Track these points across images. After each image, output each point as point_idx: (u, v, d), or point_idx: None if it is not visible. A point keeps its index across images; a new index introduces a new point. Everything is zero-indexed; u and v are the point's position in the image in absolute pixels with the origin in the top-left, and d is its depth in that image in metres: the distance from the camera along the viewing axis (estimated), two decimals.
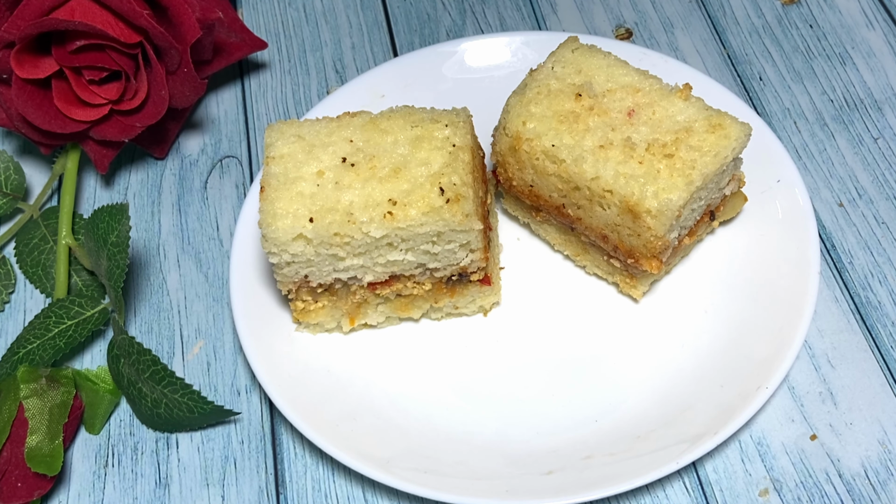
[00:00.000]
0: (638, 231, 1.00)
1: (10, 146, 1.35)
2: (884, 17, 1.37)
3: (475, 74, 1.28)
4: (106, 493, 1.06)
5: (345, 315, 1.09)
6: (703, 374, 1.03)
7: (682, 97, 1.03)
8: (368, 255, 1.01)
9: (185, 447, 1.08)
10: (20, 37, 1.10)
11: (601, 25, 1.40)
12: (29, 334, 1.09)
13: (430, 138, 1.02)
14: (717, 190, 1.05)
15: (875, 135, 1.25)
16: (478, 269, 1.05)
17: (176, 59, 1.17)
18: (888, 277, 1.13)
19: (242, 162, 1.31)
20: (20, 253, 1.21)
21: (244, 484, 1.05)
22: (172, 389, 1.04)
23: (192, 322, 1.17)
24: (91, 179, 1.32)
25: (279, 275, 1.03)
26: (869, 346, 1.08)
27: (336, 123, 1.04)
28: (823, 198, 1.20)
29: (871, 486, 0.99)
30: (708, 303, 1.09)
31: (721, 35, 1.38)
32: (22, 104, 1.15)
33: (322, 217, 0.97)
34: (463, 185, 0.98)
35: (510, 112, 1.06)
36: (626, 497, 1.01)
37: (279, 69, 1.41)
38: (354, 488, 1.04)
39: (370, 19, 1.45)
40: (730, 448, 1.03)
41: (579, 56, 1.08)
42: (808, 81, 1.31)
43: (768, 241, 1.10)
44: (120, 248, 1.07)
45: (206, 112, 1.37)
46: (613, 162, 0.99)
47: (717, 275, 1.11)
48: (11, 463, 0.99)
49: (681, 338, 1.06)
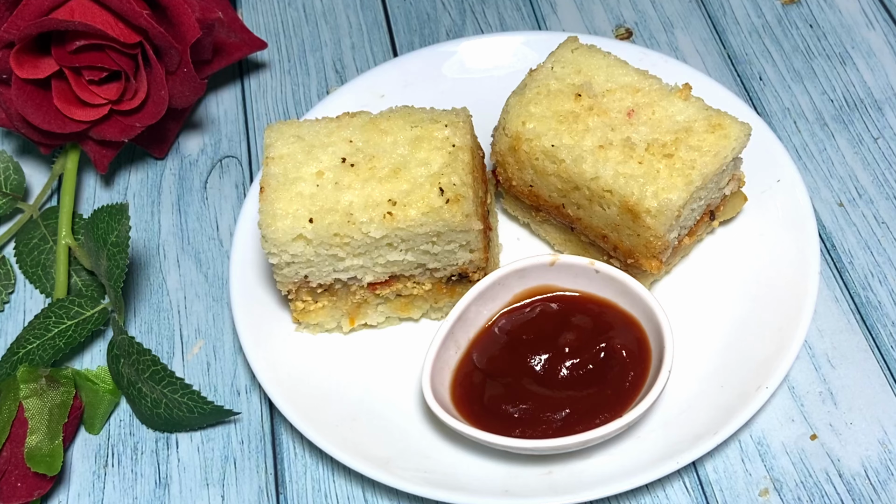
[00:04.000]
0: (638, 231, 1.00)
1: (9, 146, 1.35)
2: (884, 17, 1.37)
3: (475, 74, 1.28)
4: (106, 493, 1.06)
5: (345, 315, 1.09)
6: (703, 374, 1.03)
7: (682, 97, 1.03)
8: (368, 255, 1.01)
9: (185, 447, 1.08)
10: (20, 37, 1.10)
11: (601, 25, 1.40)
12: (29, 334, 1.09)
13: (430, 138, 1.02)
14: (717, 190, 1.05)
15: (875, 135, 1.25)
16: (478, 269, 1.06)
17: (176, 59, 1.17)
18: (888, 277, 1.13)
19: (242, 162, 1.31)
20: (20, 253, 1.21)
21: (244, 484, 1.05)
22: (172, 389, 1.04)
23: (191, 322, 1.17)
24: (91, 179, 1.32)
25: (279, 275, 1.03)
26: (869, 346, 1.08)
27: (336, 124, 1.04)
28: (823, 198, 1.20)
29: (872, 486, 0.99)
30: (708, 303, 1.09)
31: (721, 35, 1.38)
32: (22, 104, 1.15)
33: (322, 217, 0.97)
34: (463, 185, 0.98)
35: (510, 112, 1.06)
36: (626, 497, 1.01)
37: (279, 69, 1.41)
38: (354, 488, 1.04)
39: (370, 19, 1.45)
40: (730, 448, 1.03)
41: (579, 56, 1.08)
42: (808, 81, 1.31)
43: (768, 241, 1.10)
44: (120, 248, 1.07)
45: (205, 112, 1.37)
46: (613, 162, 0.99)
47: (717, 275, 1.11)
48: (11, 463, 1.00)
49: (681, 338, 1.06)
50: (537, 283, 1.06)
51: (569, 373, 0.99)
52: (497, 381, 1.00)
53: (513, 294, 1.06)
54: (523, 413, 0.97)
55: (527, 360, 1.00)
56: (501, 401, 0.98)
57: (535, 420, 0.97)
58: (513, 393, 0.99)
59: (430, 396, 0.97)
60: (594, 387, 0.98)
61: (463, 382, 1.02)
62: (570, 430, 0.95)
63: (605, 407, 0.97)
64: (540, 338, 1.02)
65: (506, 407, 0.98)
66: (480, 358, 1.02)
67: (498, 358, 1.02)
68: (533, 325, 1.03)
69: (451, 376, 1.02)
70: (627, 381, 0.98)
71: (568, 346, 1.00)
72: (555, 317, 1.04)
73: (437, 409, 0.96)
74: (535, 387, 0.99)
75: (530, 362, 1.00)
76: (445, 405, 0.98)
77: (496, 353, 1.02)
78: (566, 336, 1.01)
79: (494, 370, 1.01)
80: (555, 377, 0.99)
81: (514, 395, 0.98)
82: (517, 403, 0.98)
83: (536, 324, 1.04)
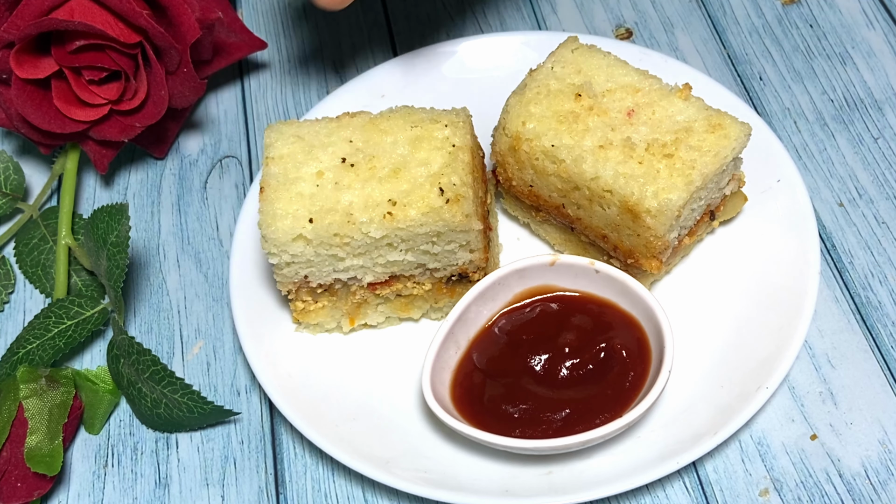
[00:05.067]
0: (638, 231, 1.00)
1: (9, 146, 1.35)
2: (884, 17, 1.37)
3: (475, 74, 1.28)
4: (106, 493, 1.06)
5: (345, 315, 1.09)
6: (703, 374, 1.03)
7: (682, 97, 1.03)
8: (368, 255, 1.01)
9: (185, 447, 1.08)
10: (20, 37, 1.10)
11: (601, 25, 1.40)
12: (28, 334, 1.09)
13: (430, 138, 1.02)
14: (717, 190, 1.05)
15: (875, 135, 1.25)
16: (478, 269, 1.06)
17: (176, 59, 1.17)
18: (888, 277, 1.13)
19: (242, 162, 1.31)
20: (20, 253, 1.21)
21: (244, 484, 1.05)
22: (172, 389, 1.04)
23: (191, 322, 1.17)
24: (91, 179, 1.32)
25: (279, 275, 1.03)
26: (869, 346, 1.08)
27: (335, 124, 1.04)
28: (823, 198, 1.20)
29: (872, 486, 0.99)
30: (708, 303, 1.09)
31: (721, 35, 1.38)
32: (22, 104, 1.15)
33: (322, 218, 0.97)
34: (463, 185, 0.98)
35: (510, 112, 1.05)
36: (626, 497, 1.01)
37: (279, 69, 1.41)
38: (354, 488, 1.04)
39: (370, 19, 1.45)
40: (730, 448, 1.03)
41: (579, 56, 1.08)
42: (808, 81, 1.31)
43: (768, 241, 1.10)
44: (120, 248, 1.07)
45: (205, 112, 1.37)
46: (613, 162, 0.99)
47: (717, 275, 1.11)
48: (11, 463, 1.00)
49: (681, 338, 1.06)
50: (537, 283, 1.06)
51: (569, 373, 0.99)
52: (497, 381, 1.00)
53: (513, 294, 1.06)
54: (523, 413, 0.97)
55: (527, 360, 1.00)
56: (501, 401, 0.98)
57: (535, 420, 0.97)
58: (513, 393, 0.99)
59: (430, 396, 0.97)
60: (594, 387, 0.98)
61: (463, 382, 1.01)
62: (570, 430, 0.95)
63: (605, 407, 0.97)
64: (540, 338, 1.02)
65: (506, 407, 0.98)
66: (480, 358, 1.02)
67: (498, 358, 1.02)
68: (533, 325, 1.03)
69: (451, 376, 1.02)
70: (627, 381, 0.98)
71: (568, 346, 1.00)
72: (555, 317, 1.04)
73: (437, 409, 0.96)
74: (535, 387, 0.99)
75: (530, 362, 1.00)
76: (445, 405, 0.98)
77: (496, 353, 1.02)
78: (566, 336, 1.01)
79: (494, 370, 1.01)
80: (555, 377, 0.99)
81: (514, 395, 0.98)
82: (517, 403, 0.98)
83: (536, 324, 1.04)
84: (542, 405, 0.98)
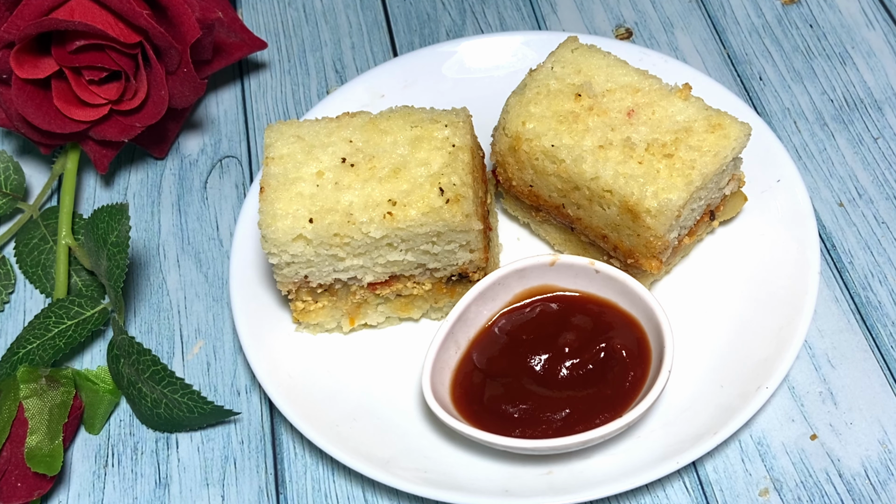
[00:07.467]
0: (638, 231, 1.00)
1: (9, 146, 1.35)
2: (884, 17, 1.37)
3: (475, 74, 1.28)
4: (106, 493, 1.06)
5: (345, 315, 1.09)
6: (703, 374, 1.03)
7: (682, 97, 1.03)
8: (368, 255, 1.01)
9: (185, 447, 1.08)
10: (20, 37, 1.10)
11: (601, 25, 1.40)
12: (29, 334, 1.09)
13: (430, 138, 1.02)
14: (717, 190, 1.05)
15: (875, 135, 1.25)
16: (478, 269, 1.06)
17: (176, 59, 1.17)
18: (888, 277, 1.13)
19: (242, 162, 1.32)
20: (20, 253, 1.21)
21: (244, 484, 1.05)
22: (172, 389, 1.04)
23: (192, 322, 1.18)
24: (91, 179, 1.32)
25: (279, 275, 1.03)
26: (869, 346, 1.08)
27: (335, 124, 1.04)
28: (823, 198, 1.20)
29: (872, 486, 0.99)
30: (708, 303, 1.09)
31: (721, 35, 1.38)
32: (22, 104, 1.15)
33: (322, 218, 0.97)
34: (463, 185, 0.98)
35: (510, 112, 1.06)
36: (626, 497, 1.01)
37: (279, 69, 1.41)
38: (354, 488, 1.04)
39: (370, 19, 1.45)
40: (730, 448, 1.03)
41: (579, 56, 1.08)
42: (808, 81, 1.31)
43: (768, 241, 1.10)
44: (120, 248, 1.07)
45: (205, 112, 1.37)
46: (613, 162, 0.99)
47: (717, 275, 1.11)
48: (11, 463, 1.00)
49: (681, 338, 1.06)
50: (537, 283, 1.06)
51: (569, 373, 0.99)
52: (497, 381, 1.00)
53: (513, 294, 1.06)
54: (523, 413, 0.97)
55: (527, 360, 1.00)
56: (501, 401, 0.98)
57: (535, 420, 0.97)
58: (513, 393, 0.99)
59: (430, 396, 0.97)
60: (594, 387, 0.98)
61: (463, 382, 1.02)
62: (570, 430, 0.95)
63: (605, 407, 0.97)
64: (540, 338, 1.02)
65: (506, 407, 0.98)
66: (480, 358, 1.02)
67: (498, 358, 1.02)
68: (533, 325, 1.03)
69: (451, 376, 1.02)
70: (627, 381, 0.98)
71: (568, 346, 1.00)
72: (555, 317, 1.04)
73: (437, 409, 0.96)
74: (534, 387, 0.99)
75: (530, 362, 1.00)
76: (445, 405, 0.98)
77: (496, 353, 1.02)
78: (566, 336, 1.01)
79: (494, 370, 1.01)
80: (555, 377, 0.99)
81: (514, 395, 0.98)
82: (517, 403, 0.98)
83: (536, 324, 1.04)
84: (541, 405, 0.98)
